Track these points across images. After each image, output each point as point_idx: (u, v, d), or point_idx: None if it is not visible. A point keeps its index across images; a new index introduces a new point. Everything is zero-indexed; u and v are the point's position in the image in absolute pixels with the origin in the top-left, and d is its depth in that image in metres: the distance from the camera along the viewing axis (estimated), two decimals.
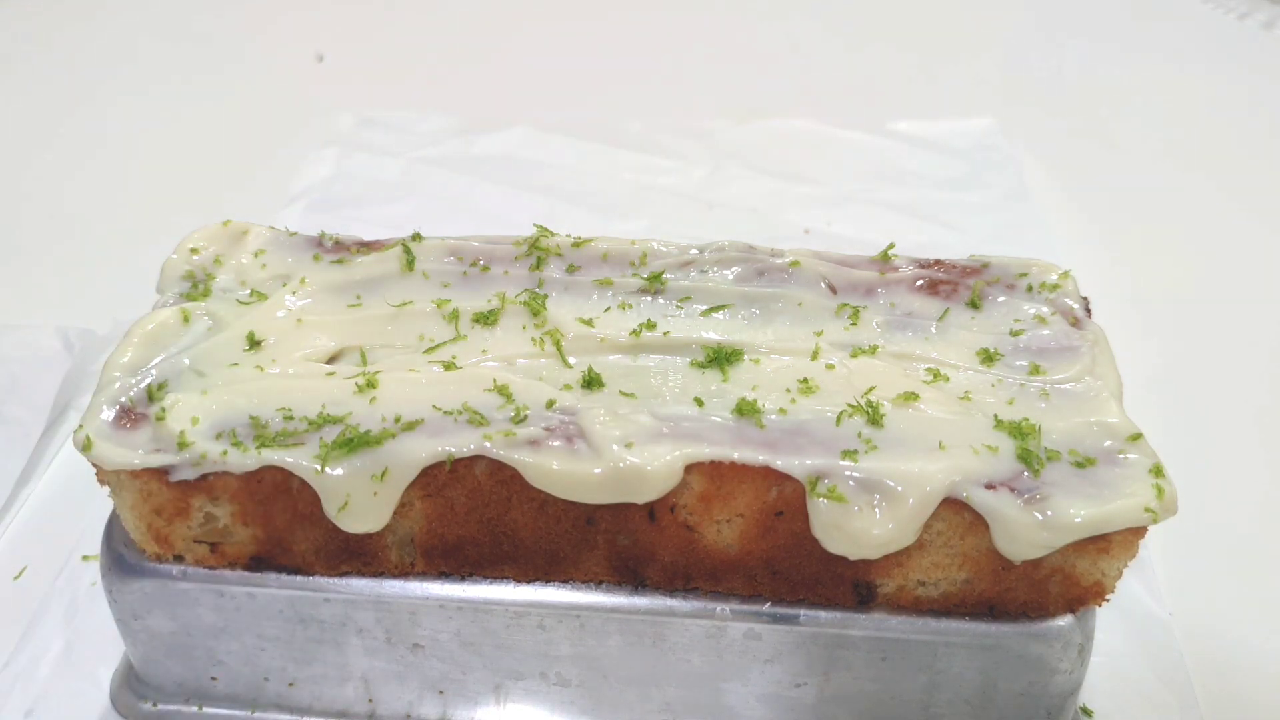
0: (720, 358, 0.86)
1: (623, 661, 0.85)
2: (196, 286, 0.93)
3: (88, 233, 1.58)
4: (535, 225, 0.98)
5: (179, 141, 1.81)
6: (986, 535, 0.77)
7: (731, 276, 0.94)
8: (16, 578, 1.05)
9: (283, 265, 0.95)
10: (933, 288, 0.93)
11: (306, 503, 0.80)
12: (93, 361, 1.27)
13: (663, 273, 0.93)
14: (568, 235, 0.98)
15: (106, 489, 0.82)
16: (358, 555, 0.83)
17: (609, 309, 0.91)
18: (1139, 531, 0.77)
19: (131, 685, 0.92)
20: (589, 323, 0.89)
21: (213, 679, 0.90)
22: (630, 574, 0.83)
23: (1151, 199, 1.67)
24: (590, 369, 0.84)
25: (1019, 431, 0.79)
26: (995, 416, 0.81)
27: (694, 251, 0.96)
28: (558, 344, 0.87)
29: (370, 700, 0.90)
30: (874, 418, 0.80)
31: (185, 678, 0.90)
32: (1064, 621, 0.81)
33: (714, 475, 0.78)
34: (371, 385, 0.82)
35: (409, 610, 0.84)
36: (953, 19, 2.22)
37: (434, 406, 0.81)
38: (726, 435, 0.79)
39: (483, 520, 0.82)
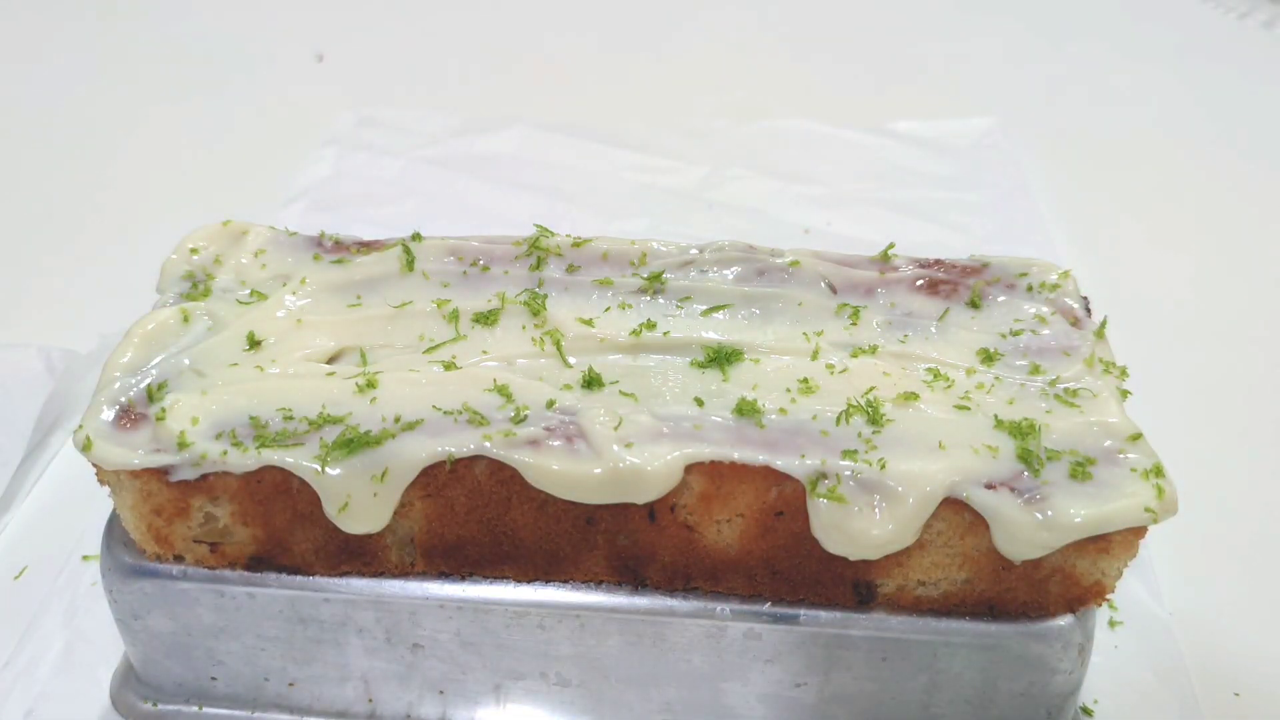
0: (720, 358, 0.86)
1: (623, 661, 0.86)
2: (196, 286, 0.93)
3: (84, 235, 1.58)
4: (535, 225, 0.98)
5: (179, 141, 1.81)
6: (986, 535, 0.77)
7: (731, 276, 0.94)
8: (16, 578, 1.05)
9: (283, 265, 0.95)
10: (933, 287, 0.93)
11: (306, 503, 0.80)
12: (77, 382, 1.24)
13: (663, 273, 0.93)
14: (568, 235, 0.98)
15: (106, 489, 0.82)
16: (358, 555, 0.83)
17: (609, 309, 0.91)
18: (1139, 531, 0.77)
19: (131, 685, 0.92)
20: (589, 323, 0.89)
21: (213, 679, 0.90)
22: (630, 574, 0.83)
23: (1151, 198, 1.67)
24: (590, 369, 0.84)
25: (1019, 431, 0.79)
26: (995, 416, 0.81)
27: (694, 251, 0.96)
28: (558, 344, 0.87)
29: (370, 700, 0.90)
30: (874, 418, 0.80)
31: (185, 678, 0.90)
32: (1064, 621, 0.81)
33: (714, 475, 0.78)
34: (371, 385, 0.82)
35: (409, 610, 0.84)
36: (953, 19, 2.22)
37: (434, 406, 0.81)
38: (726, 435, 0.79)
39: (483, 520, 0.82)
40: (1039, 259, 0.96)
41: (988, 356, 0.87)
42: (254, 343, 0.87)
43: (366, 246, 0.97)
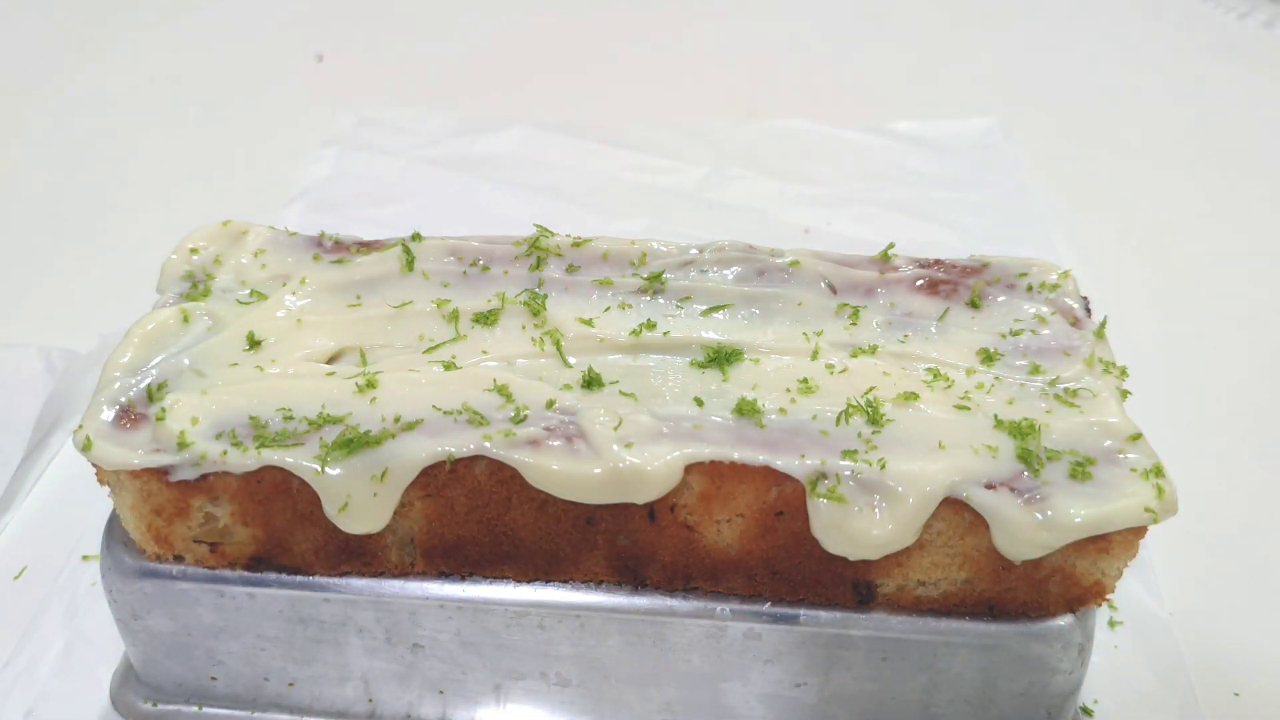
0: (720, 358, 0.86)
1: (623, 661, 0.86)
2: (196, 286, 0.93)
3: (84, 235, 1.58)
4: (535, 225, 0.98)
5: (179, 141, 1.81)
6: (986, 535, 0.77)
7: (731, 276, 0.94)
8: (16, 578, 1.06)
9: (283, 265, 0.95)
10: (933, 287, 0.93)
11: (306, 503, 0.80)
12: (77, 382, 1.24)
13: (662, 273, 0.93)
14: (568, 235, 0.98)
15: (106, 489, 0.82)
16: (358, 555, 0.83)
17: (609, 309, 0.91)
18: (1139, 531, 0.77)
19: (131, 685, 0.92)
20: (589, 323, 0.89)
21: (213, 679, 0.90)
22: (630, 574, 0.83)
23: (1151, 198, 1.67)
24: (590, 369, 0.84)
25: (1019, 431, 0.79)
26: (995, 416, 0.81)
27: (694, 251, 0.96)
28: (558, 344, 0.87)
29: (370, 700, 0.90)
30: (874, 418, 0.80)
31: (185, 678, 0.90)
32: (1064, 621, 0.81)
33: (714, 475, 0.78)
34: (371, 385, 0.82)
35: (409, 610, 0.84)
36: (953, 19, 2.22)
37: (434, 406, 0.81)
38: (726, 435, 0.79)
39: (483, 520, 0.82)
40: (1039, 259, 0.96)
41: (988, 356, 0.87)
42: (254, 343, 0.87)
43: (366, 246, 0.97)
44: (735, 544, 0.81)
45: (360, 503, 0.78)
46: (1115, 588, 0.80)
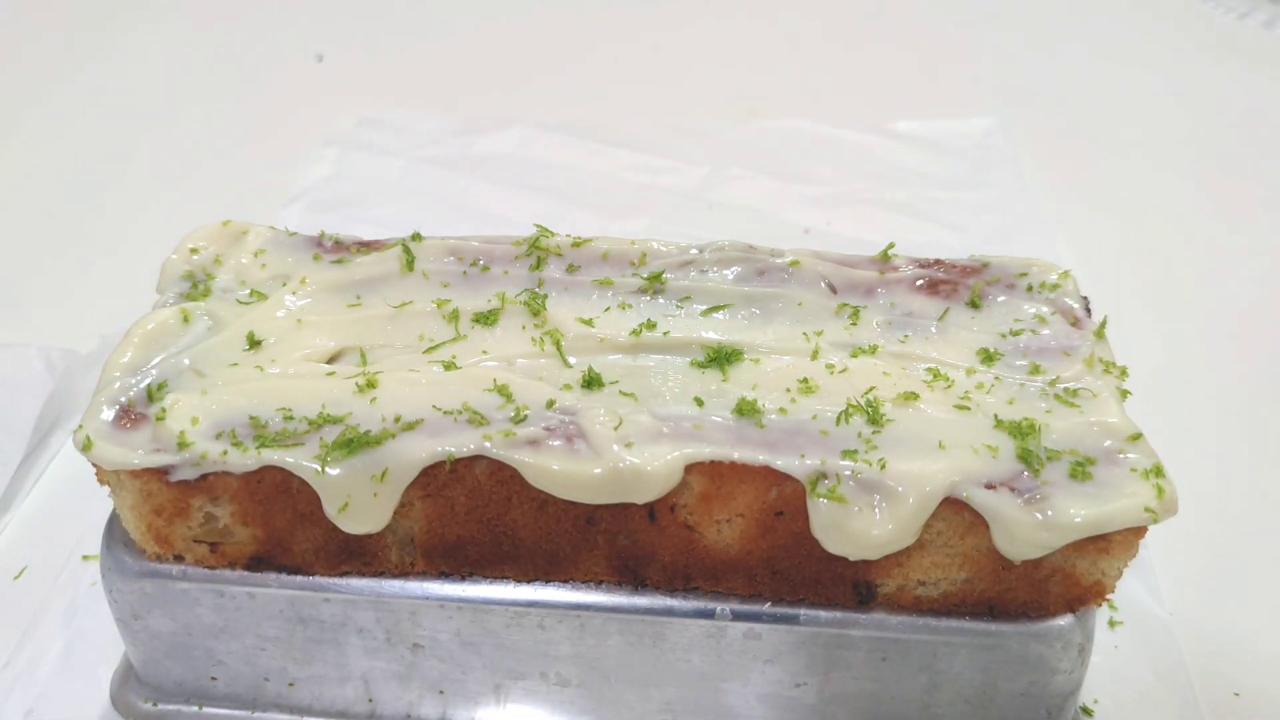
0: (720, 358, 0.86)
1: (623, 661, 0.86)
2: (196, 286, 0.93)
3: (85, 235, 1.59)
4: (535, 225, 0.98)
5: (179, 141, 1.81)
6: (986, 535, 0.77)
7: (731, 276, 0.94)
8: (16, 578, 1.06)
9: (283, 265, 0.95)
10: (933, 287, 0.93)
11: (306, 503, 0.80)
12: (77, 382, 1.24)
13: (663, 273, 0.93)
14: (568, 235, 0.98)
15: (106, 489, 0.82)
16: (358, 555, 0.83)
17: (609, 309, 0.91)
18: (1139, 531, 0.77)
19: (131, 685, 0.92)
20: (589, 323, 0.89)
21: (213, 679, 0.90)
22: (630, 574, 0.83)
23: (1151, 198, 1.67)
24: (590, 369, 0.84)
25: (1019, 431, 0.79)
26: (995, 416, 0.81)
27: (694, 251, 0.96)
28: (558, 344, 0.87)
29: (370, 700, 0.90)
30: (874, 418, 0.80)
31: (185, 678, 0.90)
32: (1064, 621, 0.81)
33: (714, 475, 0.78)
34: (371, 385, 0.82)
35: (409, 610, 0.84)
36: (953, 19, 2.22)
37: (434, 406, 0.81)
38: (726, 435, 0.79)
39: (483, 520, 0.82)
40: (1039, 259, 0.96)
41: (988, 356, 0.87)
42: (254, 343, 0.87)
43: (366, 246, 0.97)
44: (735, 544, 0.81)
45: (360, 503, 0.78)
46: (1115, 588, 0.80)
